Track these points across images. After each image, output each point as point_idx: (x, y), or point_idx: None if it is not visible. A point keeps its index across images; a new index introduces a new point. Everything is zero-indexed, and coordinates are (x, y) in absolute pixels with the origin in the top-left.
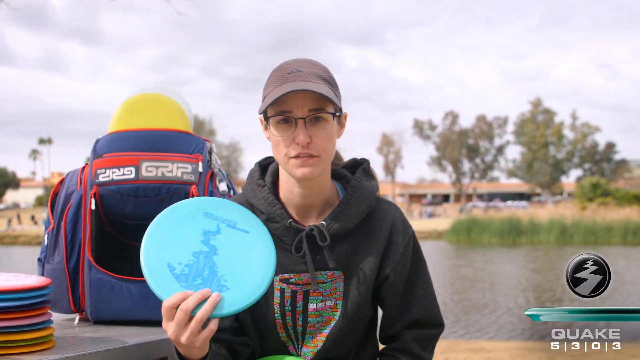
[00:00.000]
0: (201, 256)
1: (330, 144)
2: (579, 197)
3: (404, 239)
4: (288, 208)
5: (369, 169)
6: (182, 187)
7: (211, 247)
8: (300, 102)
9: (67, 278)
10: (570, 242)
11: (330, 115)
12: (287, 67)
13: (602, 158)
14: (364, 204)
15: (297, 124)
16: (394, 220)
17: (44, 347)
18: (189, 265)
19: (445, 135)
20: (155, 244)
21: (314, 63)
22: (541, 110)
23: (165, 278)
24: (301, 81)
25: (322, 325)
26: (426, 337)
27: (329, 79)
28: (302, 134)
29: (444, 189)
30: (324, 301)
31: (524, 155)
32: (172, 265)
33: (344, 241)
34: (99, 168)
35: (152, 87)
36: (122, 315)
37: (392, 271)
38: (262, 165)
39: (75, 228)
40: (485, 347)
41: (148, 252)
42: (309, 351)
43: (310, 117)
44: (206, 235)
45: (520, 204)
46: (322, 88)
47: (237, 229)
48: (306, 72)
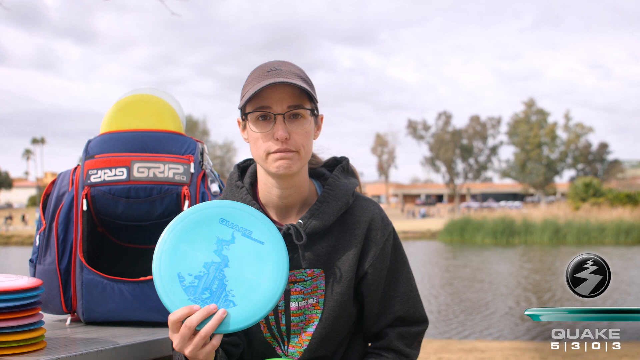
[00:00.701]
0: (212, 267)
1: (308, 141)
2: (572, 198)
3: (383, 235)
4: (267, 209)
5: (348, 166)
6: (174, 188)
7: (223, 258)
8: (279, 98)
9: (59, 279)
10: (563, 242)
11: (308, 112)
12: (266, 67)
13: (595, 158)
14: (341, 201)
15: (276, 119)
16: (373, 216)
17: (35, 348)
18: (199, 277)
19: (438, 135)
20: (168, 251)
21: (292, 64)
22: (534, 111)
23: (174, 289)
24: (278, 78)
25: (305, 324)
26: (411, 334)
27: (306, 79)
28: (282, 129)
29: (438, 189)
30: (306, 299)
31: (518, 155)
32: (182, 275)
33: (323, 239)
34: (91, 169)
35: (144, 88)
36: (114, 316)
37: (370, 267)
38: (241, 167)
39: (67, 229)
40: (478, 347)
41: (160, 260)
42: (296, 351)
43: (289, 113)
44: (220, 244)
45: (513, 204)
46: (300, 83)
47: (252, 239)
48: (285, 70)
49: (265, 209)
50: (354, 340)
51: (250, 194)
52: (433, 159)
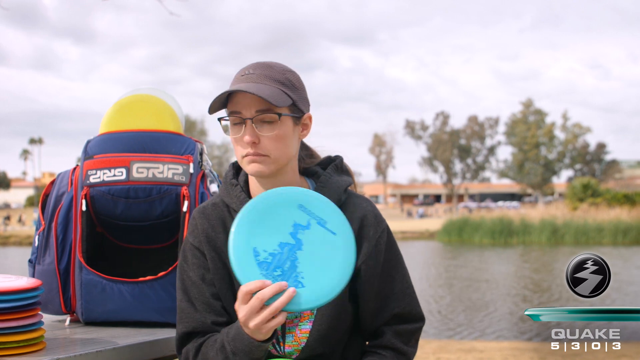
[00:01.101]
0: (286, 248)
1: (281, 144)
2: (570, 198)
3: (376, 232)
4: None
5: (342, 165)
6: (173, 188)
7: (298, 241)
8: (248, 103)
9: (58, 279)
10: (561, 243)
11: (276, 116)
12: (242, 70)
13: (593, 159)
14: (332, 198)
15: (246, 124)
16: (365, 213)
17: (35, 349)
18: (273, 255)
19: (436, 135)
20: (247, 225)
21: (271, 66)
22: (532, 111)
23: (249, 262)
24: (249, 82)
25: (300, 321)
26: (407, 331)
27: (284, 81)
28: (248, 134)
29: (436, 189)
30: None
31: (515, 155)
32: (257, 250)
33: None
34: (90, 169)
35: (143, 88)
36: (114, 317)
37: (363, 264)
38: (236, 166)
39: (66, 229)
40: (477, 347)
41: (238, 233)
42: (293, 350)
43: (257, 118)
44: (296, 227)
45: (511, 204)
46: (263, 89)
47: (326, 229)
48: (257, 74)
49: None
50: (353, 338)
51: (245, 191)
52: (431, 159)
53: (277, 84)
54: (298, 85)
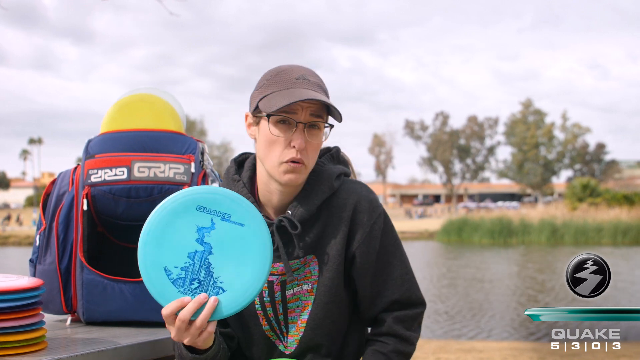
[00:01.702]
0: (196, 256)
1: (317, 153)
2: (570, 198)
3: (370, 218)
4: (265, 207)
5: (338, 154)
6: (175, 188)
7: (206, 246)
8: (304, 107)
9: (59, 279)
10: (561, 243)
11: (323, 125)
12: (292, 72)
13: (593, 159)
14: (324, 185)
15: (297, 127)
16: (359, 199)
17: (36, 349)
18: (185, 268)
19: (436, 135)
20: (150, 246)
21: (316, 74)
22: (532, 111)
23: (163, 283)
24: (310, 90)
25: (301, 310)
26: (408, 316)
27: (326, 91)
28: (301, 138)
29: (435, 189)
30: (300, 285)
31: (515, 155)
32: (168, 269)
33: (312, 225)
34: (91, 168)
35: (144, 88)
36: (115, 316)
37: (357, 249)
38: (238, 161)
39: (67, 229)
40: (476, 347)
41: (144, 256)
42: (294, 340)
43: (310, 123)
44: (200, 232)
45: (511, 204)
46: (325, 98)
47: (232, 222)
48: (313, 82)
49: (262, 206)
50: (353, 329)
51: (248, 187)
52: (430, 159)
53: (326, 95)
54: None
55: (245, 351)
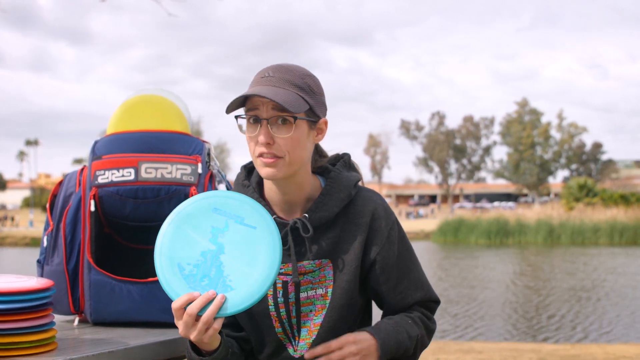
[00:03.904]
0: (209, 255)
1: (297, 147)
2: (566, 198)
3: (387, 224)
4: (273, 206)
5: (350, 161)
6: (182, 189)
7: (219, 246)
8: (265, 103)
9: (67, 279)
10: (557, 243)
11: (292, 119)
12: (262, 72)
13: (589, 158)
14: (343, 193)
15: (261, 124)
16: (376, 206)
17: (47, 349)
18: (197, 266)
19: (432, 135)
20: (168, 244)
21: (290, 69)
22: (527, 111)
23: (175, 279)
24: (267, 86)
25: (315, 315)
26: (427, 312)
27: (302, 85)
28: (263, 134)
29: (431, 189)
30: (314, 289)
31: (511, 155)
32: (182, 265)
33: (328, 230)
34: (98, 169)
35: (151, 89)
36: (123, 317)
37: (378, 255)
38: (248, 167)
39: (74, 229)
40: (475, 347)
41: (161, 253)
42: (305, 343)
43: (274, 118)
44: (214, 233)
45: (507, 204)
46: (281, 93)
47: (245, 225)
48: (277, 77)
49: (271, 206)
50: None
51: (257, 192)
52: (426, 159)
53: (296, 88)
54: (317, 91)
55: (256, 354)
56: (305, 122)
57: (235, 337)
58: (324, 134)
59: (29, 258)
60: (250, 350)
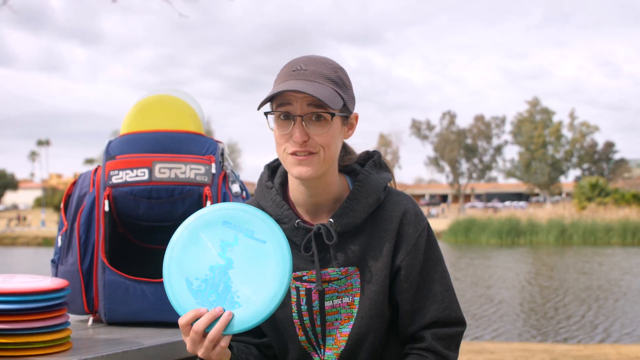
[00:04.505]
0: (217, 270)
1: (330, 143)
2: (578, 197)
3: (416, 230)
4: (298, 208)
5: (380, 160)
6: (196, 189)
7: (227, 260)
8: (299, 99)
9: (81, 279)
10: (569, 243)
11: (330, 115)
12: (292, 64)
13: (601, 158)
14: (371, 198)
15: (295, 121)
16: (405, 211)
17: (62, 349)
18: (205, 281)
19: (443, 135)
20: (176, 257)
21: (322, 62)
22: (539, 110)
23: (183, 293)
24: (302, 80)
25: (341, 324)
26: (448, 335)
27: (335, 79)
28: (299, 131)
29: (442, 189)
30: (340, 297)
31: (522, 155)
32: (189, 280)
33: (355, 236)
34: (112, 170)
35: (164, 89)
36: (136, 317)
37: (403, 261)
38: (271, 167)
39: (88, 230)
40: (487, 348)
41: (169, 267)
42: (333, 353)
43: (309, 115)
44: (223, 247)
45: (518, 204)
46: (320, 89)
47: (255, 239)
48: (310, 70)
49: (295, 208)
50: (392, 343)
51: (280, 194)
52: (437, 159)
53: (331, 82)
54: (348, 84)
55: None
56: (339, 118)
57: (257, 343)
58: (354, 129)
59: (42, 258)
60: (273, 356)
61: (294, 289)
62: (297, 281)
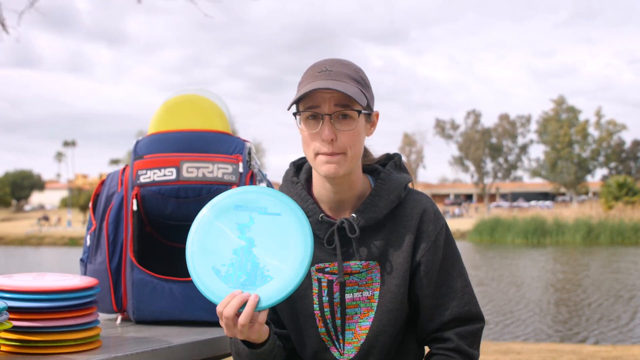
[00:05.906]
0: (241, 252)
1: (356, 141)
2: (605, 197)
3: (435, 228)
4: (321, 204)
5: (401, 162)
6: (223, 188)
7: (248, 240)
8: (327, 99)
9: (110, 278)
10: (596, 243)
11: (356, 113)
12: (318, 66)
13: (629, 156)
14: (393, 195)
15: (324, 120)
16: (425, 209)
17: (92, 347)
18: (232, 265)
19: (468, 134)
20: (197, 252)
21: (345, 63)
22: (565, 109)
23: (214, 283)
24: (329, 80)
25: (360, 318)
26: (469, 332)
27: (358, 79)
28: (328, 129)
29: (467, 188)
30: (360, 291)
31: (548, 154)
32: (216, 268)
33: (376, 232)
34: (140, 169)
35: (191, 89)
36: (164, 316)
37: (423, 257)
38: (297, 164)
39: (117, 229)
40: (514, 348)
41: (193, 262)
42: (352, 347)
43: (337, 113)
44: (241, 229)
45: (544, 203)
46: (347, 87)
47: (269, 214)
48: (335, 71)
49: (319, 204)
50: (407, 341)
51: (306, 189)
52: (462, 158)
53: (355, 82)
54: (369, 84)
55: (300, 353)
56: (364, 115)
57: (277, 333)
58: (375, 127)
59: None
60: (292, 348)
61: (316, 280)
62: (319, 273)
